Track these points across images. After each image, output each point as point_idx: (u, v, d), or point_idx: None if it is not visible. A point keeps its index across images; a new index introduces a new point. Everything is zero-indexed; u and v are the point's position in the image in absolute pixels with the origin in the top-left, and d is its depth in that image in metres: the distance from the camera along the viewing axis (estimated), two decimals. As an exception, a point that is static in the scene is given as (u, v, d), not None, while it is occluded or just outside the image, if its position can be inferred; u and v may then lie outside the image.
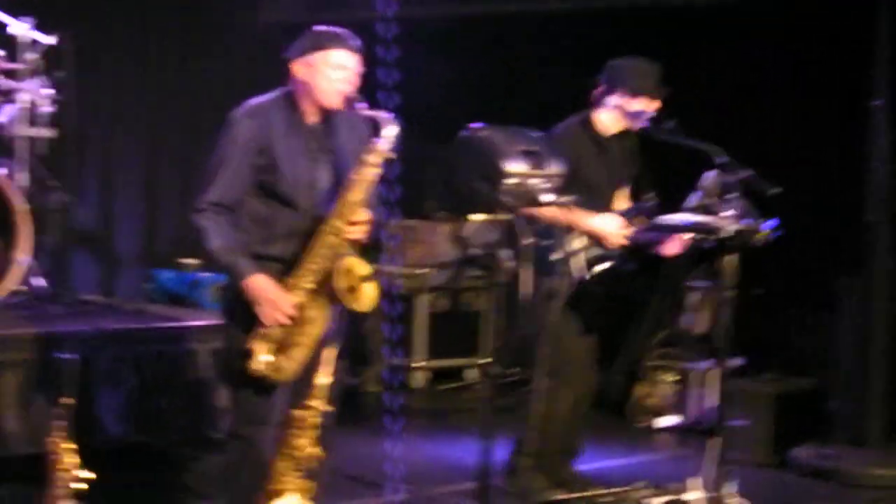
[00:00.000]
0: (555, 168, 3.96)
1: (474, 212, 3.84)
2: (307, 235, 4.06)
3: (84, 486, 3.70)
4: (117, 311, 6.20)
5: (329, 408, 3.84)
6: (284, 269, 4.07)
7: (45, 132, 6.22)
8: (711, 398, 6.94)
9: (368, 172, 4.03)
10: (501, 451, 5.02)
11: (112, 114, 7.89)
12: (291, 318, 4.00)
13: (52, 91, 6.21)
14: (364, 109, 4.07)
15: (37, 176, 6.24)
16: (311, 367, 3.96)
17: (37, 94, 6.15)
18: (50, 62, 6.27)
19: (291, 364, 4.01)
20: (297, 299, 4.01)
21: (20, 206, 5.80)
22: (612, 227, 5.19)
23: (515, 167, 3.85)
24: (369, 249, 4.16)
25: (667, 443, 7.00)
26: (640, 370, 7.34)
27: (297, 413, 3.85)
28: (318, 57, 4.08)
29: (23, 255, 5.79)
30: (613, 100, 5.29)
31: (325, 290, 4.00)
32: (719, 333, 4.88)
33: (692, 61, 7.18)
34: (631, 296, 7.47)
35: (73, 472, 3.70)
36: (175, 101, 8.22)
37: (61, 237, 6.57)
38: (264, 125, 4.08)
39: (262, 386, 4.05)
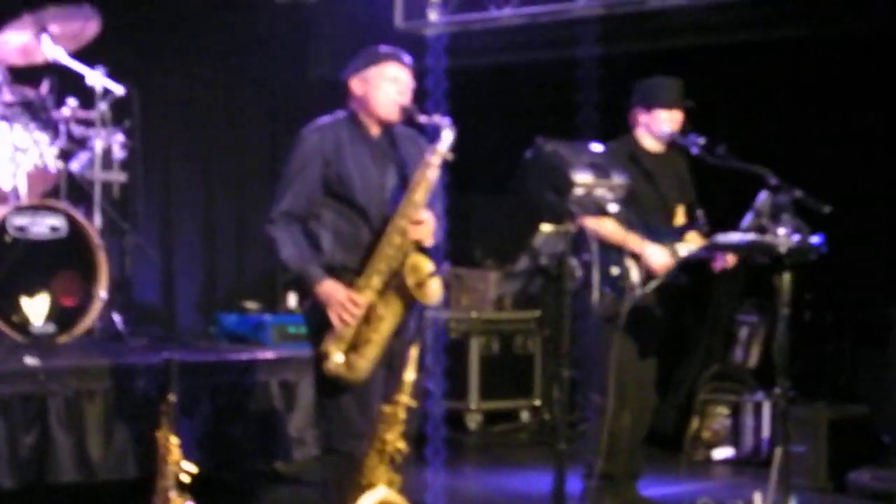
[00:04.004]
0: (619, 179, 4.14)
1: (543, 222, 4.01)
2: (378, 241, 4.27)
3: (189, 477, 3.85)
4: (191, 346, 6.38)
5: (413, 403, 4.00)
6: (358, 276, 4.27)
7: (118, 177, 6.47)
8: (766, 429, 7.07)
9: (430, 174, 4.26)
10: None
11: (169, 162, 8.13)
12: (361, 317, 4.17)
13: (123, 137, 6.46)
14: (421, 117, 4.32)
15: (109, 219, 6.48)
16: (398, 364, 4.14)
17: (109, 140, 6.40)
18: (117, 111, 6.52)
19: (364, 362, 4.18)
20: (365, 299, 4.19)
21: (98, 244, 6.02)
22: (659, 259, 5.35)
23: (583, 178, 4.03)
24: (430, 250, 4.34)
25: (722, 474, 7.09)
26: (693, 404, 7.46)
27: (386, 408, 4.01)
28: (373, 72, 4.35)
29: (102, 292, 6.00)
30: (641, 118, 5.53)
31: (393, 287, 4.19)
32: (779, 351, 4.93)
33: (743, 90, 7.39)
34: (682, 331, 7.63)
35: (180, 464, 3.86)
36: (227, 151, 8.47)
37: (134, 277, 6.80)
38: (330, 138, 4.34)
39: (361, 400, 4.21)
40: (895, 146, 6.81)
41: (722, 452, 7.27)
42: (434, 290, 4.20)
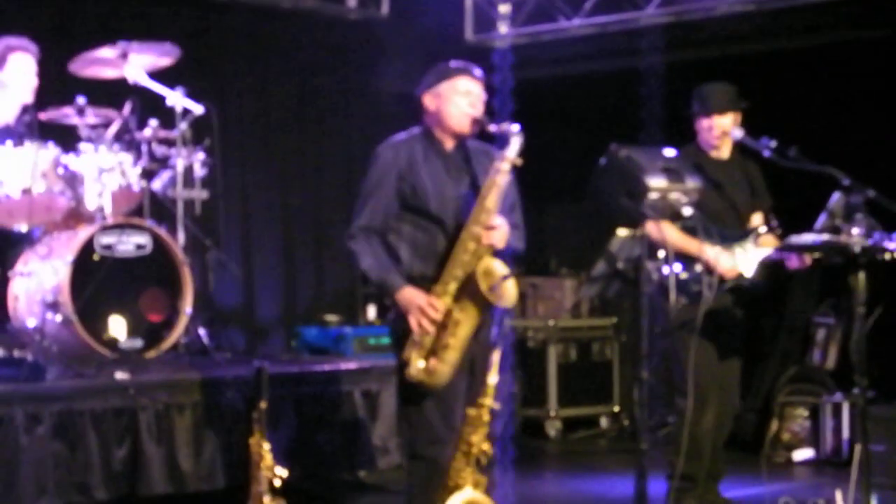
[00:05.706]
0: (692, 183, 4.20)
1: (619, 227, 4.09)
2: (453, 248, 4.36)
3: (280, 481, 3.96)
4: (273, 359, 6.51)
5: (497, 406, 4.09)
6: (435, 284, 4.36)
7: (199, 194, 6.62)
8: (846, 430, 7.06)
9: (500, 179, 4.35)
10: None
11: (248, 179, 8.28)
12: (440, 322, 4.27)
13: (203, 156, 6.62)
14: (491, 127, 4.41)
15: (192, 235, 6.64)
16: (479, 369, 4.23)
17: (190, 159, 6.56)
18: (197, 130, 6.67)
19: (444, 367, 4.28)
20: (443, 305, 4.29)
21: (183, 260, 6.16)
22: (722, 262, 5.39)
23: (657, 182, 4.10)
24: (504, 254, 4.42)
25: (803, 475, 7.10)
26: (771, 407, 7.46)
27: (472, 411, 4.11)
28: (445, 86, 4.47)
29: (187, 307, 6.14)
30: (696, 127, 5.60)
31: (469, 292, 4.28)
32: (856, 350, 4.93)
33: (810, 94, 7.38)
34: (759, 334, 7.63)
35: (273, 469, 3.98)
36: (303, 166, 8.60)
37: (216, 292, 6.96)
38: (405, 154, 4.46)
39: (443, 406, 4.30)
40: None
41: (802, 454, 7.29)
42: (508, 293, 4.27)
